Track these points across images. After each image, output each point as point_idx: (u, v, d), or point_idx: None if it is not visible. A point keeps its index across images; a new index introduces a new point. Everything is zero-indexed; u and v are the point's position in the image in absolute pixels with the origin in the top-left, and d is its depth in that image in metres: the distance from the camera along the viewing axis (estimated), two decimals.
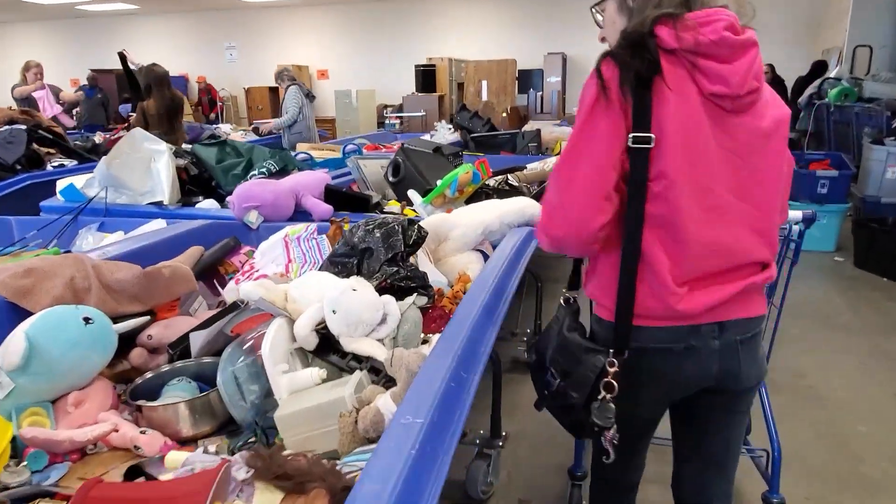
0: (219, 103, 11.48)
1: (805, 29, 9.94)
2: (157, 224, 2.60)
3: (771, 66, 8.02)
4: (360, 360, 1.42)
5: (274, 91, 11.67)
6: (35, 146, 4.12)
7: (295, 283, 1.56)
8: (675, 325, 1.14)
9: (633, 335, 1.14)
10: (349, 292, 1.40)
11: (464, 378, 1.10)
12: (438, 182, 2.61)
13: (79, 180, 2.95)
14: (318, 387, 1.32)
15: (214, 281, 2.05)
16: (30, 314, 1.36)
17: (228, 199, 2.53)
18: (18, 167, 3.92)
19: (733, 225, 1.12)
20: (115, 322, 1.45)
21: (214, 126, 6.32)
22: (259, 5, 12.59)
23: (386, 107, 11.88)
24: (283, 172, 3.00)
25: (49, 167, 4.06)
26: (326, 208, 2.52)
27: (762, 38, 1.12)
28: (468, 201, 2.71)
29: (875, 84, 6.59)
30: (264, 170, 2.98)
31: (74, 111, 7.38)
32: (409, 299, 1.55)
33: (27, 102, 6.45)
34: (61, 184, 3.06)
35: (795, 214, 2.16)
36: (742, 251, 1.14)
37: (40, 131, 4.22)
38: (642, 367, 1.17)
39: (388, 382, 1.32)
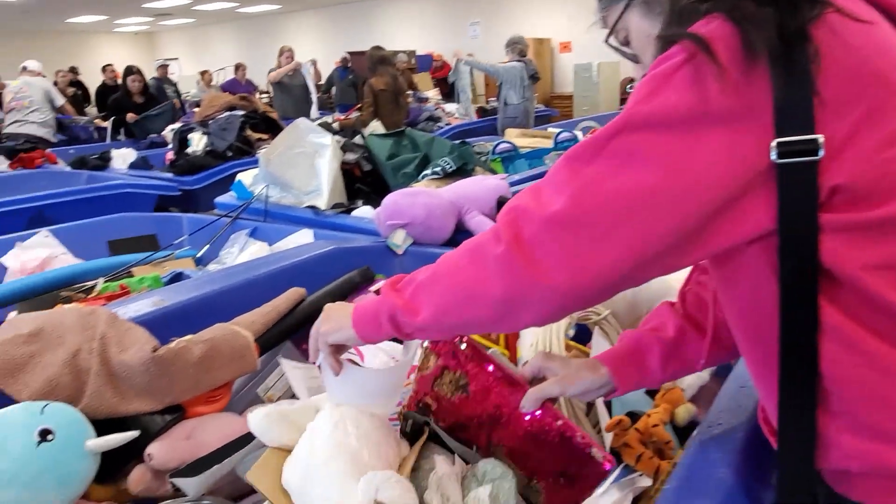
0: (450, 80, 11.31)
1: None
2: (304, 236, 2.18)
3: None
4: None
5: None
6: (249, 132, 4.11)
7: (311, 445, 0.86)
8: None
9: None
10: None
11: None
12: None
13: (247, 176, 2.68)
14: None
15: None
16: None
17: (375, 211, 2.00)
18: (229, 153, 3.93)
19: None
20: (103, 432, 0.98)
21: (434, 106, 5.96)
22: None
23: (631, 81, 10.65)
24: (460, 173, 2.39)
25: (257, 154, 4.01)
26: None
27: None
28: None
29: None
30: (438, 169, 2.39)
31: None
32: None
33: (280, 87, 6.78)
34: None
35: None
36: None
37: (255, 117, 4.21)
38: None
39: None
